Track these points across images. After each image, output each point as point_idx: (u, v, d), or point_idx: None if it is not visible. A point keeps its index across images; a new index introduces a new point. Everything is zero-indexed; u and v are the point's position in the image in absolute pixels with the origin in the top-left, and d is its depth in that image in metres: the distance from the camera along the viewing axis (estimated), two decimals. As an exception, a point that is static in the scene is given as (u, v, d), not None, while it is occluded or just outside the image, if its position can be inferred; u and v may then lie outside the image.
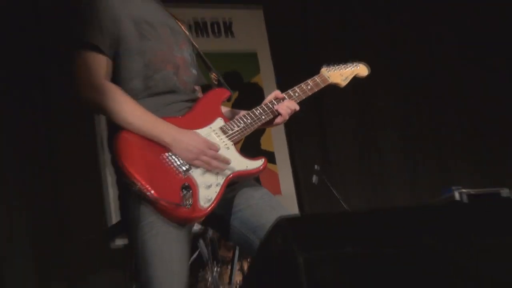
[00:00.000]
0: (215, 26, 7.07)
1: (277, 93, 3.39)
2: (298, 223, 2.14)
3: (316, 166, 6.31)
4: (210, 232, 5.15)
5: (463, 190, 6.53)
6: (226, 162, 3.09)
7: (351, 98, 7.46)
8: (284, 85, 6.69)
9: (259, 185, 3.31)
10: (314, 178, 6.25)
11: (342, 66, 3.68)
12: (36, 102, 6.61)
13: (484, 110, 8.31)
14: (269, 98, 3.37)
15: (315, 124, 6.91)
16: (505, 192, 6.61)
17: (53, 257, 6.29)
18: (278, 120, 3.36)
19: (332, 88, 3.60)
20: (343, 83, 3.65)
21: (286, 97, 3.38)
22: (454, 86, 8.27)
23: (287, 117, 3.35)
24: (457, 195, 6.47)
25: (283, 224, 2.09)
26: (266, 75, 7.40)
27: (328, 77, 3.58)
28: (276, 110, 3.32)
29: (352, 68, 3.70)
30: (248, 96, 7.07)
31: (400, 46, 8.09)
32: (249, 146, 6.00)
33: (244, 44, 7.34)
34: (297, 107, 3.37)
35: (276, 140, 7.17)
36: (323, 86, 3.54)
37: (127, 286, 5.62)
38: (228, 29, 7.19)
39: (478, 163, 8.04)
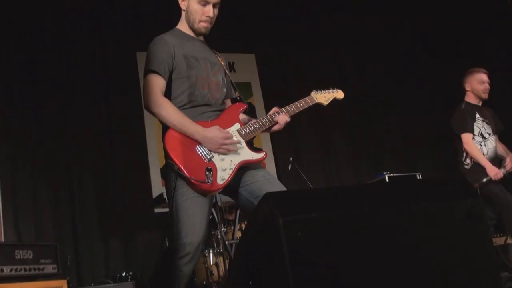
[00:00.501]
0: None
1: (276, 108, 3.43)
2: (278, 197, 2.14)
3: (291, 158, 6.30)
4: (220, 203, 5.13)
5: (390, 174, 6.52)
6: (235, 150, 3.20)
7: (314, 111, 7.44)
8: (268, 104, 6.78)
9: (262, 167, 3.36)
10: (290, 166, 6.24)
11: (326, 91, 3.70)
12: (103, 112, 6.56)
13: (404, 119, 8.27)
14: (271, 111, 3.42)
15: (290, 129, 6.92)
16: (418, 175, 6.62)
17: (113, 219, 6.25)
18: (276, 127, 3.41)
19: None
20: (325, 103, 3.68)
21: (284, 111, 3.42)
22: (384, 101, 8.21)
23: (282, 126, 3.41)
24: (386, 178, 6.48)
25: (268, 197, 2.09)
26: (256, 97, 7.42)
27: (315, 98, 3.62)
28: (275, 121, 3.37)
29: (333, 93, 3.73)
30: (245, 111, 7.10)
31: (347, 77, 8.04)
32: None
33: (242, 77, 7.32)
34: (289, 119, 3.42)
35: (263, 140, 7.19)
36: (311, 104, 3.58)
37: (162, 240, 5.61)
38: (232, 67, 7.19)
39: (401, 155, 8.01)
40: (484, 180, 5.17)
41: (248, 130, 3.31)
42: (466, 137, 5.40)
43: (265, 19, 7.47)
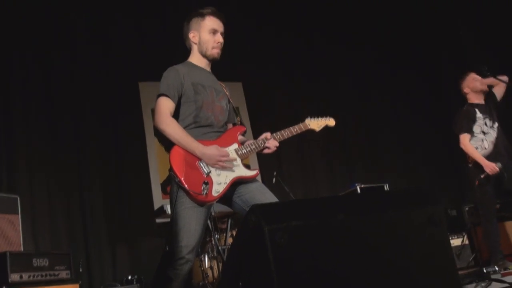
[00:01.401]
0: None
1: (268, 134, 3.45)
2: (264, 208, 2.14)
3: (275, 173, 6.27)
4: (213, 212, 5.12)
5: (361, 185, 6.51)
6: (230, 167, 3.23)
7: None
8: (254, 125, 6.76)
9: (257, 180, 3.39)
10: (274, 180, 6.22)
11: (319, 118, 3.70)
12: (109, 132, 6.51)
13: (371, 132, 8.27)
14: (263, 136, 3.44)
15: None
16: (386, 186, 6.61)
17: (120, 228, 6.21)
18: (266, 151, 3.44)
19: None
20: (317, 129, 3.68)
21: (275, 136, 3.44)
22: (354, 117, 8.21)
23: (271, 151, 3.44)
24: (358, 189, 6.46)
25: (255, 208, 2.09)
26: (244, 121, 7.41)
27: (309, 124, 3.62)
28: (267, 146, 3.40)
29: (325, 120, 3.73)
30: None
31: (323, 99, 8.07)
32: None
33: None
34: (277, 144, 3.43)
35: (251, 157, 7.18)
36: (304, 130, 3.59)
37: (164, 246, 5.57)
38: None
39: (370, 167, 8.00)
40: (482, 176, 5.01)
41: (244, 151, 3.35)
42: (462, 137, 5.22)
43: (251, 48, 7.47)
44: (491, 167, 5.01)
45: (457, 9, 7.91)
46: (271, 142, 3.40)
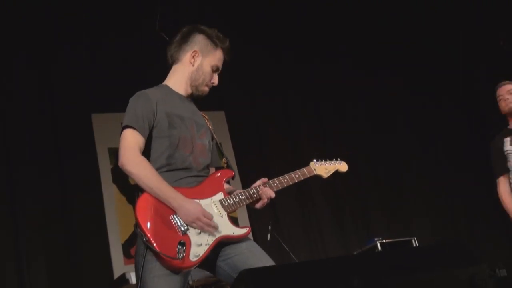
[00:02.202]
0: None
1: (264, 180, 3.42)
2: (257, 275, 2.14)
3: (269, 227, 6.26)
4: (191, 281, 5.07)
5: (382, 240, 6.47)
6: (215, 228, 3.15)
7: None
8: (240, 165, 6.77)
9: (247, 237, 3.34)
10: (269, 236, 6.20)
11: (328, 162, 3.71)
12: (54, 182, 6.47)
13: (394, 170, 8.31)
14: (258, 182, 3.41)
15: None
16: (414, 240, 6.59)
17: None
18: (258, 205, 3.40)
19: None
20: (325, 175, 3.68)
21: (272, 184, 3.41)
22: (370, 152, 8.25)
23: (264, 204, 3.40)
24: (378, 245, 6.43)
25: (245, 275, 2.09)
26: (229, 159, 7.43)
27: (314, 169, 3.61)
28: (258, 197, 3.36)
29: (335, 164, 3.74)
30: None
31: (328, 128, 8.11)
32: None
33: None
34: (273, 195, 3.38)
35: (239, 209, 7.16)
36: (308, 176, 3.58)
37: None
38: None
39: (393, 217, 8.00)
40: None
41: (232, 201, 3.30)
42: (498, 183, 5.28)
43: (235, 70, 7.56)
44: None
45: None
46: (265, 191, 3.36)
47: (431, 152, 8.58)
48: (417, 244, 6.58)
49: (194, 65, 3.44)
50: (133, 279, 5.19)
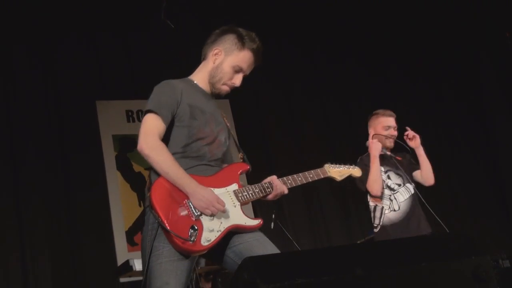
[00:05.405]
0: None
1: (274, 177, 3.45)
2: (260, 262, 2.14)
3: (273, 215, 6.27)
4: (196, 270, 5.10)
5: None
6: (227, 216, 3.20)
7: (297, 159, 7.51)
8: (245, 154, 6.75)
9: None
10: (272, 225, 6.20)
11: (342, 166, 3.78)
12: (58, 171, 6.50)
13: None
14: (269, 179, 3.44)
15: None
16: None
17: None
18: (270, 197, 3.43)
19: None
20: (339, 178, 3.76)
21: (286, 181, 3.46)
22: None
23: (277, 197, 3.44)
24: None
25: (248, 262, 2.09)
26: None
27: (328, 172, 3.68)
28: (271, 191, 3.40)
29: (349, 169, 3.82)
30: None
31: (331, 121, 8.10)
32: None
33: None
34: (286, 190, 3.45)
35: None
36: (322, 177, 3.64)
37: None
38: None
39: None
40: None
41: (245, 193, 3.34)
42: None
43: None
44: None
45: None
46: (279, 186, 3.41)
47: (433, 144, 8.56)
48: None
49: (214, 63, 3.47)
50: (136, 266, 5.21)
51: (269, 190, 3.39)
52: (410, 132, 5.33)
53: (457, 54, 8.65)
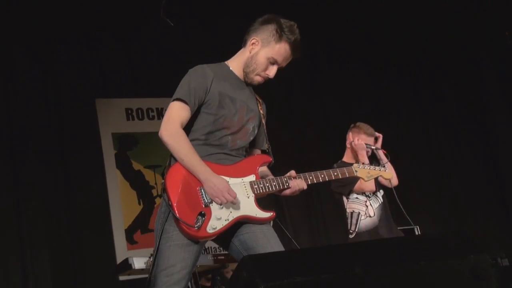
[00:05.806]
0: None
1: (292, 172, 3.44)
2: (258, 260, 2.14)
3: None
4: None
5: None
6: (237, 206, 3.21)
7: (297, 154, 7.51)
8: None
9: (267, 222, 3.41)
10: (271, 223, 6.18)
11: (372, 167, 3.73)
12: (59, 174, 6.50)
13: (397, 164, 8.28)
14: (289, 173, 3.43)
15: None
16: (416, 229, 6.57)
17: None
18: (287, 192, 3.42)
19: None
20: (367, 179, 3.71)
21: (307, 177, 3.45)
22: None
23: (295, 193, 3.43)
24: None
25: (247, 261, 2.09)
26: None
27: (356, 171, 3.65)
28: (288, 186, 3.38)
29: (379, 170, 3.76)
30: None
31: (331, 119, 8.10)
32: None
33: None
34: (305, 186, 3.45)
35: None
36: (347, 176, 3.61)
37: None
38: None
39: (396, 206, 7.97)
40: None
41: (262, 185, 3.33)
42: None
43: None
44: None
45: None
46: (298, 182, 3.40)
47: (433, 144, 8.57)
48: (419, 233, 6.57)
49: (250, 52, 3.46)
50: (135, 264, 5.21)
51: (287, 184, 3.37)
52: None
53: (457, 54, 8.66)
